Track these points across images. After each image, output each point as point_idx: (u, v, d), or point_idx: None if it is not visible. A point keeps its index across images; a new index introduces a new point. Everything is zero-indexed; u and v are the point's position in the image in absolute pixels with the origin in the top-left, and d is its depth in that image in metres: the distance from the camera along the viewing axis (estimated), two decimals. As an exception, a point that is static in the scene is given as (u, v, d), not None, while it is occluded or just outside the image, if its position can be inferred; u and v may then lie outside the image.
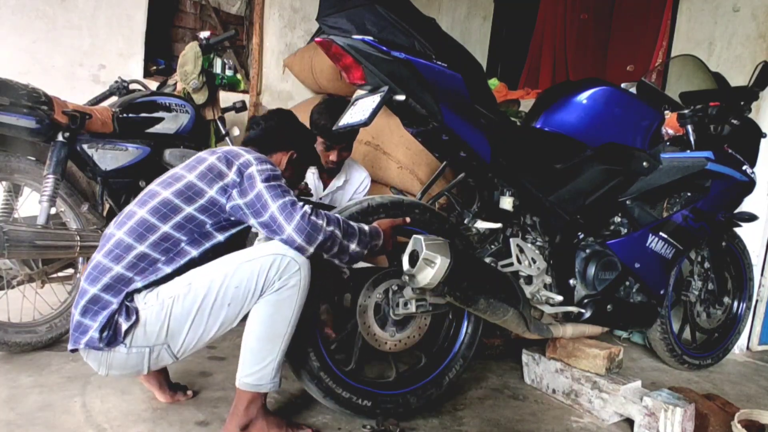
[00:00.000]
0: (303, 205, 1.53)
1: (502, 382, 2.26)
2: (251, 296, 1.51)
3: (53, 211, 2.13)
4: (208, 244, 1.57)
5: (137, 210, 1.55)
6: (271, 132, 1.81)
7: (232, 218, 1.58)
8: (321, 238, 1.50)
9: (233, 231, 1.62)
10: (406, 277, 1.59)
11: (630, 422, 1.93)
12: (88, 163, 2.25)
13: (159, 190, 1.57)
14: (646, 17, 3.69)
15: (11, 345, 2.03)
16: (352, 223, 1.59)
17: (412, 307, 1.76)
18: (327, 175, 2.51)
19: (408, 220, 1.75)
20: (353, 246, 1.57)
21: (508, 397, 2.13)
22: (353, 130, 2.30)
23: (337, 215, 1.59)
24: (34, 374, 1.94)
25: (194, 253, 1.56)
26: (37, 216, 2.08)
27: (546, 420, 1.97)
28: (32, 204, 2.15)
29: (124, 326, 1.47)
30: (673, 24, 3.34)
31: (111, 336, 1.47)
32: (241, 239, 1.70)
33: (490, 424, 1.89)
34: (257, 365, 1.54)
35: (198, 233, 1.55)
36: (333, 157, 2.38)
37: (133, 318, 1.48)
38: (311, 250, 1.51)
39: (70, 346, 1.53)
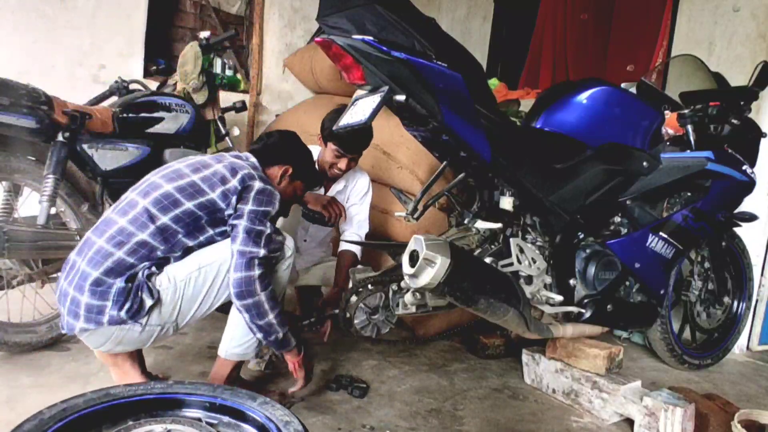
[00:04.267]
0: (259, 260, 1.66)
1: (502, 382, 2.26)
2: None
3: (53, 211, 2.12)
4: (202, 237, 1.70)
5: (139, 200, 1.65)
6: (271, 147, 1.91)
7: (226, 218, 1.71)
8: (249, 301, 1.65)
9: (225, 228, 1.72)
10: (407, 277, 1.59)
11: (630, 422, 1.93)
12: (88, 163, 2.25)
13: (161, 182, 1.68)
14: (646, 17, 3.69)
15: (11, 345, 2.03)
16: (279, 309, 1.71)
17: (412, 308, 1.76)
18: (327, 180, 2.49)
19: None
20: (269, 318, 1.68)
21: (508, 397, 2.14)
22: (367, 140, 2.30)
23: (276, 296, 1.74)
24: (34, 374, 1.94)
25: (191, 244, 1.69)
26: (37, 216, 2.08)
27: (546, 420, 1.97)
28: (32, 204, 2.15)
29: (148, 302, 1.60)
30: (673, 24, 3.34)
31: (136, 311, 1.59)
32: None
33: (490, 424, 1.89)
34: (247, 336, 1.74)
35: (194, 227, 1.68)
36: (342, 165, 2.31)
37: (156, 297, 1.61)
38: (234, 297, 1.66)
39: (82, 327, 1.57)
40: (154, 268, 1.64)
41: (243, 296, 1.64)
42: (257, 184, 1.70)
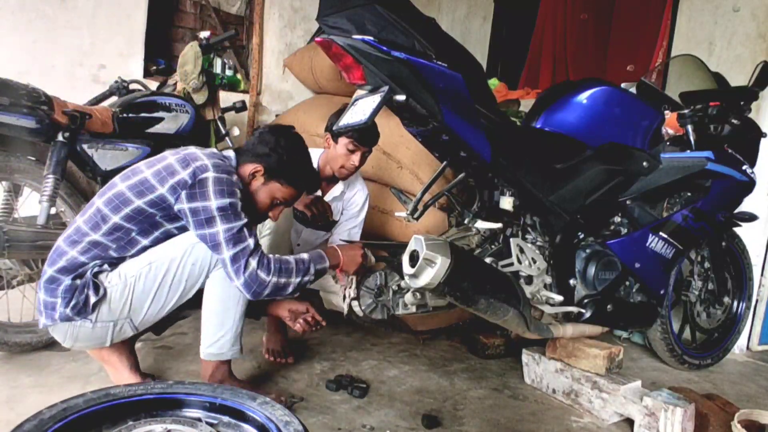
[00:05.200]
0: (251, 252, 1.59)
1: (502, 382, 2.26)
2: (207, 271, 1.67)
3: (53, 211, 2.12)
4: (158, 233, 1.67)
5: (96, 200, 1.66)
6: (250, 143, 1.79)
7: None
8: (267, 291, 1.62)
9: (183, 223, 1.66)
10: (407, 277, 1.59)
11: (630, 422, 1.93)
12: (88, 163, 2.25)
13: (117, 182, 1.65)
14: (646, 17, 3.69)
15: (11, 345, 2.03)
16: (291, 261, 1.67)
17: (413, 308, 1.76)
18: (326, 182, 2.48)
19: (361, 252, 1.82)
20: (294, 281, 1.66)
21: (508, 397, 2.14)
22: (377, 132, 2.29)
23: (279, 258, 1.66)
24: (34, 374, 1.94)
25: (145, 242, 1.67)
26: (37, 216, 2.08)
27: (546, 420, 1.97)
28: (32, 204, 2.15)
29: (93, 299, 1.60)
30: (673, 24, 3.34)
31: (81, 307, 1.60)
32: None
33: (490, 424, 1.89)
34: (216, 335, 1.73)
35: (148, 224, 1.64)
36: (356, 159, 2.27)
37: (101, 293, 1.61)
38: (254, 299, 1.65)
39: (44, 323, 1.65)
40: (105, 266, 1.63)
41: (259, 293, 1.61)
42: (211, 175, 1.57)
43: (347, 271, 1.79)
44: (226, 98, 3.22)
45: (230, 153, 1.77)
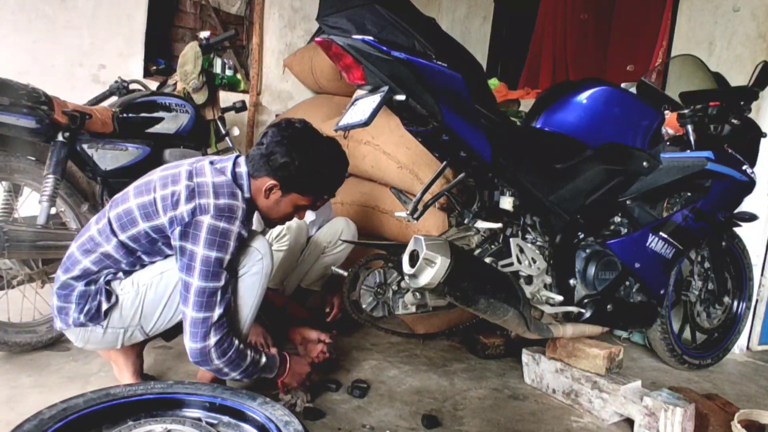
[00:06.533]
0: (213, 325, 1.52)
1: (502, 382, 2.26)
2: None
3: (53, 211, 2.13)
4: (159, 258, 1.66)
5: (108, 210, 1.64)
6: (265, 149, 1.63)
7: None
8: (207, 368, 1.57)
9: None
10: (407, 277, 1.59)
11: (630, 422, 1.93)
12: (88, 163, 2.25)
13: (130, 195, 1.63)
14: (646, 17, 3.69)
15: (11, 345, 2.03)
16: (247, 359, 1.60)
17: (413, 308, 1.76)
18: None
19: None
20: (233, 374, 1.60)
21: (508, 397, 2.14)
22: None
23: (237, 350, 1.58)
24: (34, 374, 1.94)
25: (149, 262, 1.67)
26: (37, 216, 2.08)
27: (546, 420, 1.97)
28: (32, 204, 2.15)
29: (105, 306, 1.61)
30: (673, 24, 3.34)
31: (94, 314, 1.61)
32: None
33: (490, 424, 1.89)
34: None
35: (151, 248, 1.63)
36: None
37: (113, 300, 1.62)
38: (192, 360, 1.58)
39: (59, 326, 1.67)
40: (120, 273, 1.65)
41: (201, 364, 1.56)
42: (207, 221, 1.50)
43: (289, 384, 1.79)
44: (226, 98, 3.23)
45: (241, 164, 1.65)
